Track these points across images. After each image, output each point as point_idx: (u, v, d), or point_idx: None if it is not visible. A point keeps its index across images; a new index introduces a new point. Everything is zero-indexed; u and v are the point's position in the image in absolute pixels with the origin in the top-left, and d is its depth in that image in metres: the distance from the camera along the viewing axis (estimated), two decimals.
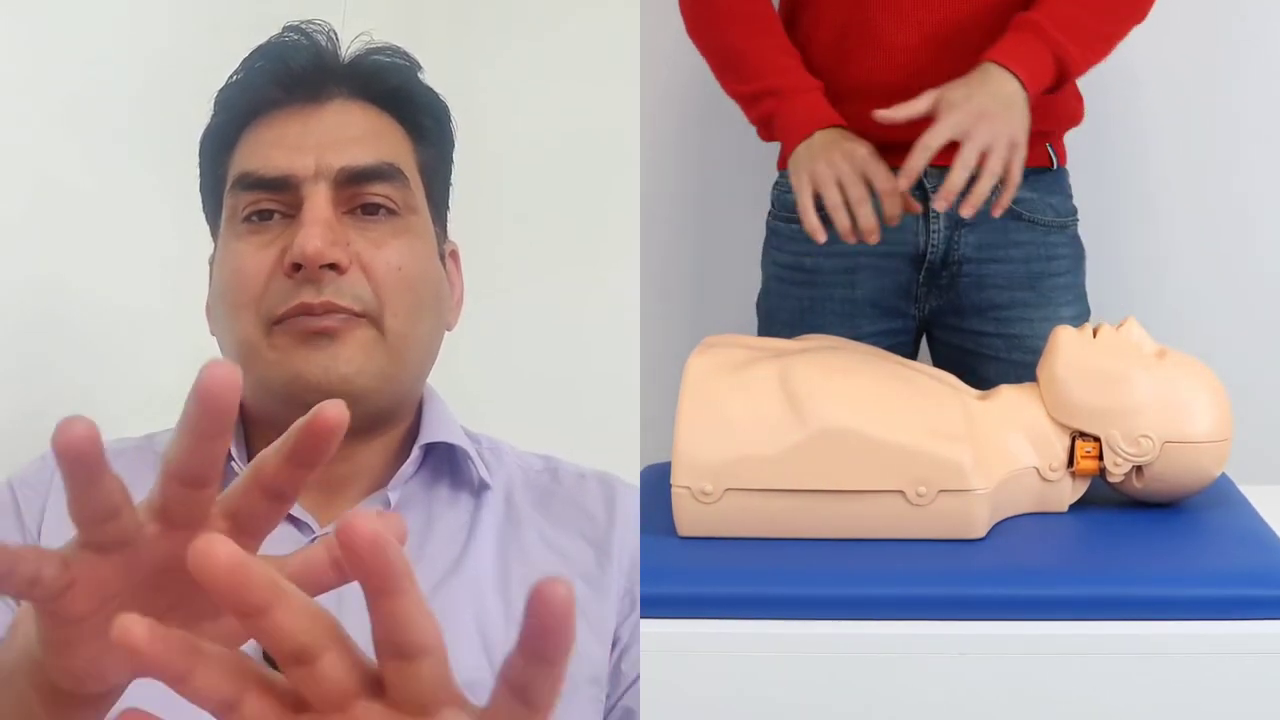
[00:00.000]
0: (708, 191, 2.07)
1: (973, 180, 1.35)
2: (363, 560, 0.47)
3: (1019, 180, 1.36)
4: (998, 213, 1.38)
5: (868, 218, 1.40)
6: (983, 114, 1.35)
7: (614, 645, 1.06)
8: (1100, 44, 1.47)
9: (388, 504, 1.07)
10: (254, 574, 0.49)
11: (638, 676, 1.06)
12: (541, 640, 0.49)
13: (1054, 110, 1.54)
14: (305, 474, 0.58)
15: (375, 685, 0.52)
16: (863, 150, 1.42)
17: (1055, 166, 1.60)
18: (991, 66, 1.39)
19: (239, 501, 0.60)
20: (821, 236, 1.40)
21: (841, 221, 1.40)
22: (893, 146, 1.42)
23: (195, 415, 0.55)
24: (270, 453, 0.60)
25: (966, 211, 1.34)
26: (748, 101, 1.54)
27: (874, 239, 1.41)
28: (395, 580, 0.49)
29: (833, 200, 1.40)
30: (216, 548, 0.48)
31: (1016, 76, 1.38)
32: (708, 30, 1.56)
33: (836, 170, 1.40)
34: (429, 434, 1.10)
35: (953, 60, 1.44)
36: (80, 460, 0.54)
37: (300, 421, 0.57)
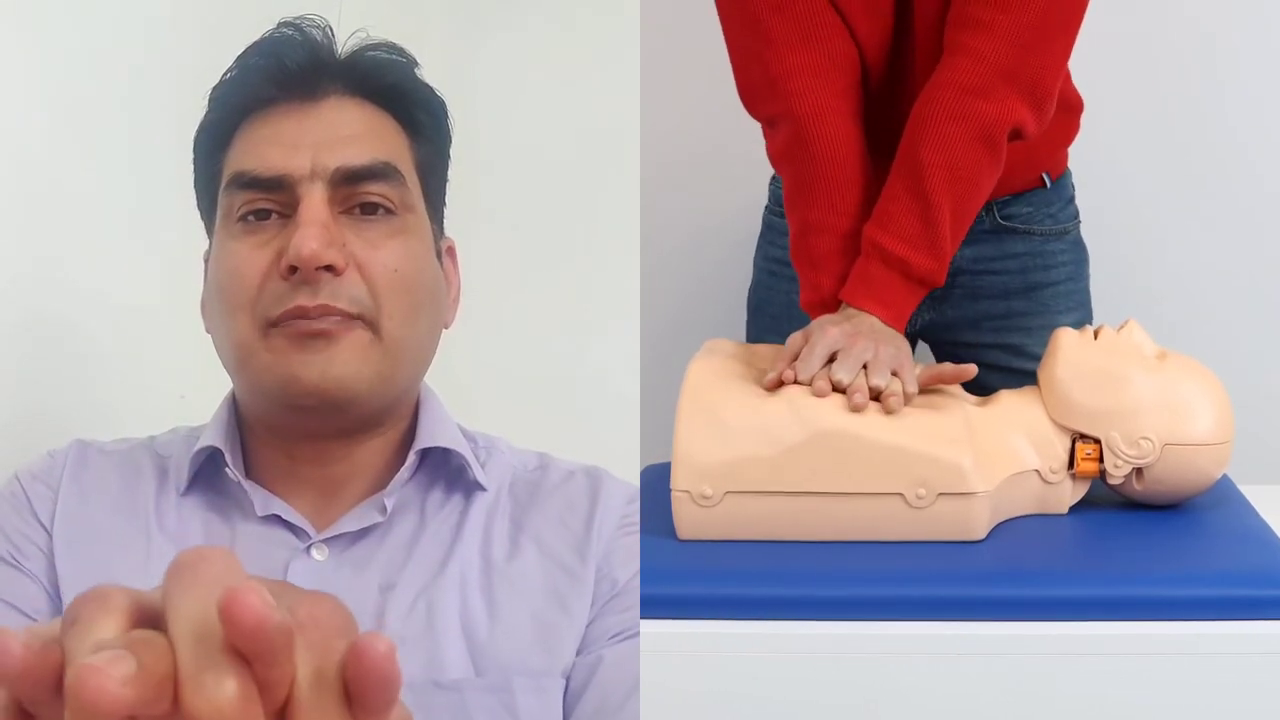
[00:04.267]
0: (708, 191, 2.07)
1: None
2: (245, 637, 0.46)
3: (914, 390, 1.28)
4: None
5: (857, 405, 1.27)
6: (856, 333, 1.30)
7: (588, 624, 1.07)
8: (958, 220, 1.39)
9: (383, 509, 1.07)
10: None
11: (616, 635, 1.06)
12: (365, 695, 0.47)
13: (1045, 140, 1.52)
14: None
15: None
16: (907, 353, 1.33)
17: (1049, 185, 1.59)
18: (850, 308, 1.36)
19: None
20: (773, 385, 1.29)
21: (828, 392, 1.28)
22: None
23: None
24: None
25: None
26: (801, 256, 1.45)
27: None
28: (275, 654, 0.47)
29: (856, 384, 1.27)
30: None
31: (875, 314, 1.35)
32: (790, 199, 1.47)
33: (873, 359, 1.29)
34: (426, 438, 1.10)
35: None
36: None
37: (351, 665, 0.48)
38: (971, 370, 1.32)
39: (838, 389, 1.26)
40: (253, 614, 0.45)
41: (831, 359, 1.28)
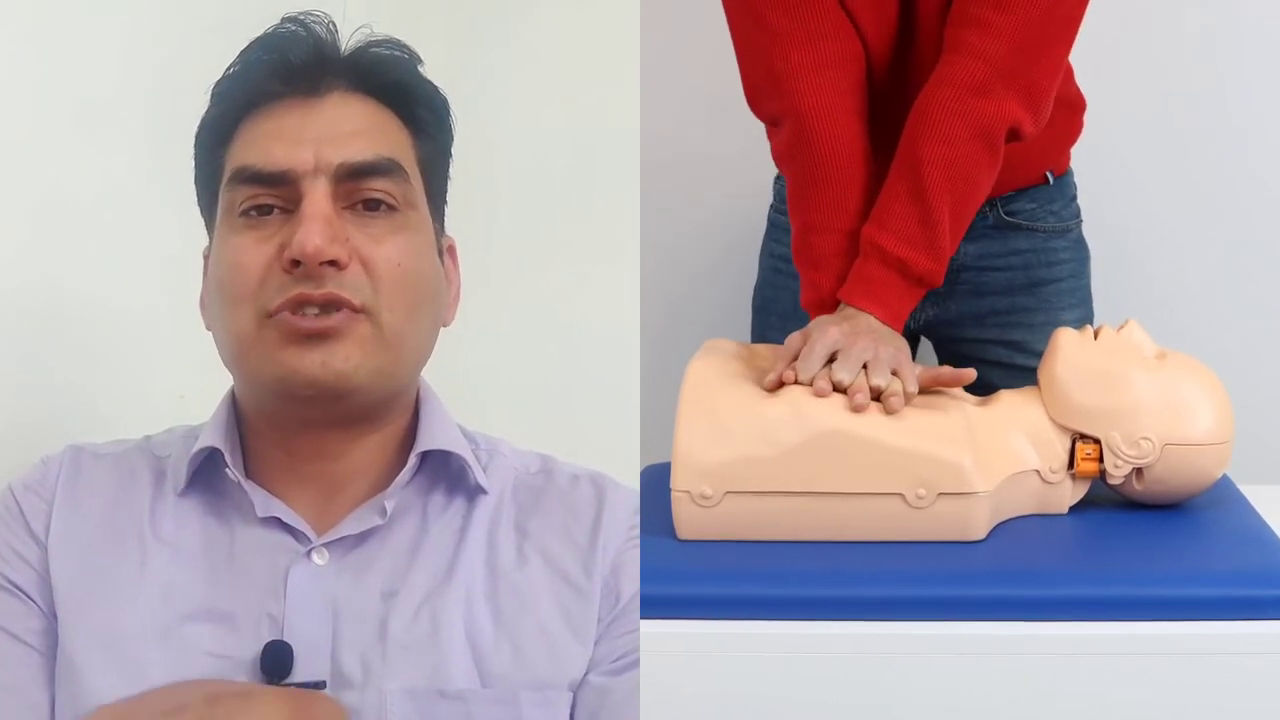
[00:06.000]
0: (708, 190, 2.07)
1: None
2: None
3: (914, 390, 1.28)
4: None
5: (860, 404, 1.26)
6: (855, 333, 1.30)
7: (595, 642, 1.07)
8: (957, 220, 1.39)
9: (383, 512, 1.07)
10: None
11: (621, 659, 1.06)
12: None
13: (1048, 137, 1.52)
14: None
15: None
16: (906, 353, 1.33)
17: (1051, 183, 1.59)
18: (849, 308, 1.36)
19: None
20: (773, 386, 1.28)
21: (830, 391, 1.27)
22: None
23: None
24: None
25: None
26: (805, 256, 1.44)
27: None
28: None
29: (857, 384, 1.27)
30: None
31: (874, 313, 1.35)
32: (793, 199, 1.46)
33: (873, 359, 1.28)
34: (427, 440, 1.10)
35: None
36: None
37: None
38: (970, 374, 1.32)
39: (838, 389, 1.26)
40: None
41: (832, 359, 1.28)
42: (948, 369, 1.32)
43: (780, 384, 1.27)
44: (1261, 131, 1.99)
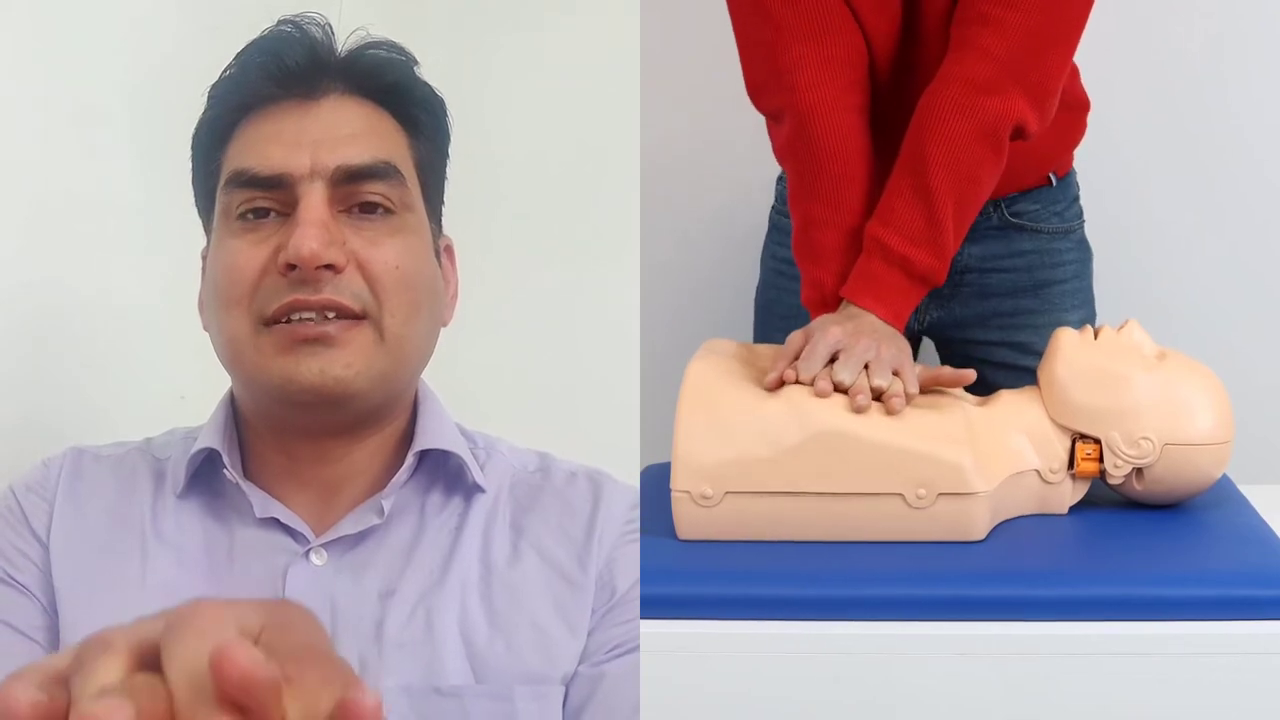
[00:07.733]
0: (708, 191, 2.07)
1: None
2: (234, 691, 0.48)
3: (915, 391, 1.28)
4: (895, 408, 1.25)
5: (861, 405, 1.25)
6: (858, 333, 1.30)
7: (589, 634, 1.07)
8: (961, 218, 1.38)
9: (381, 512, 1.07)
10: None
11: (615, 648, 1.06)
12: None
13: (1051, 138, 1.52)
14: None
15: None
16: (908, 353, 1.32)
17: (1054, 184, 1.59)
18: (851, 307, 1.35)
19: None
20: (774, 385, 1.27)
21: (831, 391, 1.27)
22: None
23: None
24: None
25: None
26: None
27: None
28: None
29: (858, 385, 1.26)
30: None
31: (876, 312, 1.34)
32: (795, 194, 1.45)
33: (875, 359, 1.28)
34: (425, 439, 1.10)
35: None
36: None
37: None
38: (970, 375, 1.31)
39: (839, 389, 1.26)
40: (239, 668, 0.48)
41: (833, 359, 1.28)
42: (948, 369, 1.32)
43: (781, 383, 1.27)
44: (1263, 132, 1.99)
